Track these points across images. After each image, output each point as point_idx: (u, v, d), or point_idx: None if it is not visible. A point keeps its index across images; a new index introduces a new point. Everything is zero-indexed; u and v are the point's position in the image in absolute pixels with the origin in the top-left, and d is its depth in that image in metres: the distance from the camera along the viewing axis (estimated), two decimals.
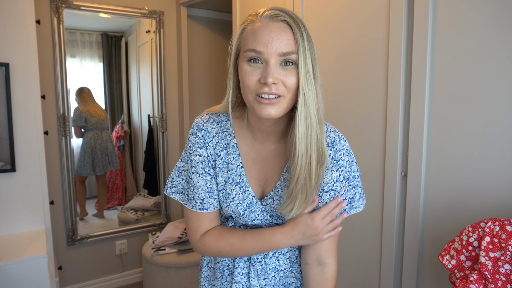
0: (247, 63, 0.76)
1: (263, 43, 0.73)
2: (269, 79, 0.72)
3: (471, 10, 1.15)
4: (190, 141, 0.89)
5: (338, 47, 1.59)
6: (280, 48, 0.73)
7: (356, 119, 1.54)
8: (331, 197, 0.86)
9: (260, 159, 0.89)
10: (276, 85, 0.74)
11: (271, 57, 0.73)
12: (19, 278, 1.49)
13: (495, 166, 1.13)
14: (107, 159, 2.69)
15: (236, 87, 0.85)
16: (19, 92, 1.71)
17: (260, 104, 0.75)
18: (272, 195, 0.87)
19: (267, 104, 0.75)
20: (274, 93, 0.74)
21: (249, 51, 0.75)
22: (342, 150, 0.85)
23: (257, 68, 0.75)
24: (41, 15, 2.24)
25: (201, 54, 2.94)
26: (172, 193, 0.92)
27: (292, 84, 0.75)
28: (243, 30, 0.79)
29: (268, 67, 0.73)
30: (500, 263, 0.93)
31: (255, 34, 0.75)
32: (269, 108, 0.75)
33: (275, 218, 0.89)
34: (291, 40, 0.74)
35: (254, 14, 0.79)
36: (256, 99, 0.75)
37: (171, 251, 2.33)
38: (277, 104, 0.75)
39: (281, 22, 0.75)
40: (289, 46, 0.74)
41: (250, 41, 0.75)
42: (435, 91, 1.26)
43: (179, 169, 0.92)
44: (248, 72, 0.75)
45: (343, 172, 0.86)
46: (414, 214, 1.34)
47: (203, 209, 0.88)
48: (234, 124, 0.89)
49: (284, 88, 0.75)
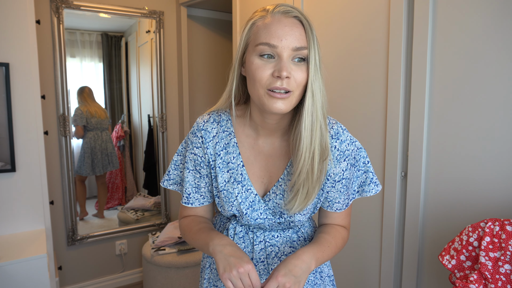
0: (258, 58, 0.76)
1: (277, 37, 0.74)
2: (283, 72, 0.73)
3: (472, 9, 1.15)
4: (189, 139, 0.92)
5: (338, 47, 1.59)
6: (293, 43, 0.74)
7: (356, 119, 1.54)
8: (344, 185, 0.89)
9: (263, 156, 0.89)
10: (288, 80, 0.75)
11: (285, 51, 0.74)
12: (19, 278, 1.49)
13: (495, 166, 1.13)
14: (107, 159, 2.69)
15: (239, 82, 0.85)
16: (19, 92, 1.71)
17: (272, 98, 0.75)
18: (275, 190, 0.88)
19: (278, 98, 0.75)
20: (286, 88, 0.74)
21: (262, 45, 0.75)
22: (346, 141, 0.88)
23: (269, 62, 0.75)
24: (41, 15, 2.24)
25: (201, 54, 2.94)
26: (169, 185, 0.97)
27: (301, 80, 0.76)
28: (253, 24, 0.79)
29: (281, 61, 0.74)
30: (500, 263, 0.93)
31: (268, 28, 0.75)
32: (280, 103, 0.75)
33: (278, 217, 0.89)
34: (303, 36, 0.75)
35: (263, 10, 0.79)
36: (267, 93, 0.76)
37: (171, 251, 2.33)
38: (288, 99, 0.76)
39: (293, 18, 0.76)
40: (302, 41, 0.75)
41: (263, 35, 0.75)
42: (435, 91, 1.26)
43: (175, 162, 0.97)
44: (259, 66, 0.76)
45: (350, 160, 0.89)
46: (414, 214, 1.34)
47: (188, 203, 0.94)
48: (235, 122, 0.89)
49: (294, 83, 0.76)
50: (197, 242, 0.88)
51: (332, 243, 0.89)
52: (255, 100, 0.79)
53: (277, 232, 0.93)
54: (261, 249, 0.91)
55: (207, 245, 0.81)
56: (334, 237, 0.91)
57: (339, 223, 0.95)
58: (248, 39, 0.80)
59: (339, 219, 0.95)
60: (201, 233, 0.87)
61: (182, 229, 0.97)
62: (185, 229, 0.95)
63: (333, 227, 0.94)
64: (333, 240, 0.90)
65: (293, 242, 0.94)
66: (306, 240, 0.96)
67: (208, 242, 0.81)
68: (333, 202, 0.91)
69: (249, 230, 0.93)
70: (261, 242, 0.91)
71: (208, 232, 0.86)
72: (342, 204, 0.92)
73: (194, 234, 0.90)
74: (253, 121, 0.87)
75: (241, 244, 0.92)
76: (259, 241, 0.91)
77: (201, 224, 0.92)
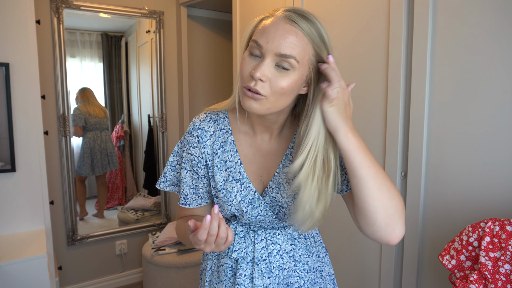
0: (248, 54, 0.76)
1: (266, 38, 0.73)
2: (256, 73, 0.72)
3: (472, 9, 1.15)
4: (185, 139, 0.91)
5: (338, 48, 1.59)
6: (279, 48, 0.71)
7: (356, 119, 1.54)
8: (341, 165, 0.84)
9: (261, 154, 0.89)
10: (262, 84, 0.73)
11: (268, 53, 0.73)
12: (19, 278, 1.49)
13: (495, 166, 1.13)
14: (106, 159, 2.69)
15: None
16: (19, 92, 1.71)
17: (245, 96, 0.76)
18: (271, 184, 0.87)
19: (249, 97, 0.75)
20: (256, 90, 0.73)
21: (252, 42, 0.75)
22: None
23: (255, 61, 0.75)
24: (41, 15, 2.24)
25: (201, 54, 2.94)
26: (166, 186, 0.96)
27: (279, 87, 0.73)
28: (259, 22, 0.78)
29: (262, 62, 0.73)
30: (500, 263, 0.93)
31: (264, 28, 0.75)
32: (252, 102, 0.75)
33: (276, 212, 0.88)
34: (295, 44, 0.72)
35: (274, 10, 0.78)
36: (243, 90, 0.76)
37: (171, 251, 2.33)
38: (259, 101, 0.75)
39: (292, 26, 0.72)
40: (292, 50, 0.71)
41: (258, 33, 0.75)
42: (435, 91, 1.26)
43: (171, 163, 0.96)
44: (245, 62, 0.76)
45: None
46: (414, 214, 1.34)
47: (185, 204, 0.93)
48: (234, 120, 0.89)
49: (269, 89, 0.73)
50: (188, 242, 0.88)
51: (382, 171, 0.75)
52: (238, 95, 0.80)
53: (278, 230, 0.93)
54: (262, 248, 0.91)
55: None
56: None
57: None
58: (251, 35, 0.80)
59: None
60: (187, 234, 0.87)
61: (176, 231, 0.97)
62: (178, 230, 0.95)
63: None
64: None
65: (294, 240, 0.94)
66: (307, 238, 0.96)
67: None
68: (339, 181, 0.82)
69: (250, 230, 0.92)
70: (263, 240, 0.91)
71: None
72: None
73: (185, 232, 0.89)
74: (250, 118, 0.88)
75: (242, 243, 0.91)
76: (260, 240, 0.91)
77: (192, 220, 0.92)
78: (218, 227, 0.69)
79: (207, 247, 0.71)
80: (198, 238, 0.69)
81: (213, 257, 0.97)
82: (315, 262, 0.96)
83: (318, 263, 0.97)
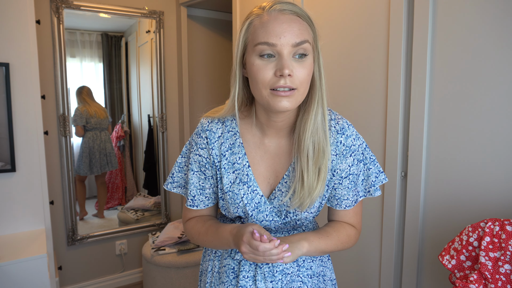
0: (258, 58, 0.75)
1: (275, 35, 0.73)
2: (285, 70, 0.72)
3: (471, 9, 1.15)
4: (193, 140, 0.91)
5: (337, 48, 1.59)
6: (293, 39, 0.73)
7: (356, 119, 1.54)
8: (351, 181, 0.89)
9: (269, 156, 0.88)
10: (291, 78, 0.74)
11: (284, 48, 0.73)
12: (19, 278, 1.49)
13: (496, 166, 1.13)
14: (105, 159, 2.69)
15: (242, 85, 0.84)
16: (19, 92, 1.71)
17: (276, 97, 0.75)
18: (280, 187, 0.87)
19: (283, 96, 0.75)
20: (289, 86, 0.74)
21: (261, 45, 0.74)
22: (352, 136, 0.88)
23: (270, 62, 0.74)
24: (41, 15, 2.24)
25: (201, 54, 2.94)
26: (173, 188, 0.96)
27: (304, 76, 0.76)
28: (250, 24, 0.78)
29: (282, 59, 0.73)
30: (500, 263, 0.93)
31: (266, 27, 0.74)
32: (285, 101, 0.75)
33: (283, 217, 0.88)
34: (302, 30, 0.75)
35: (259, 8, 0.78)
36: (271, 93, 0.75)
37: (171, 251, 2.33)
38: (292, 96, 0.75)
39: (290, 14, 0.75)
40: (301, 35, 0.74)
41: (261, 34, 0.74)
42: (435, 91, 1.26)
43: (179, 164, 0.95)
44: (261, 67, 0.75)
45: (357, 156, 0.88)
46: (414, 214, 1.34)
47: (193, 205, 0.92)
48: (241, 123, 0.89)
49: (297, 81, 0.75)
50: (211, 244, 0.89)
51: (334, 236, 0.88)
52: (260, 100, 0.79)
53: (282, 234, 0.92)
54: None
55: (227, 245, 0.85)
56: (336, 230, 0.90)
57: (347, 221, 0.94)
58: (246, 39, 0.79)
59: (347, 217, 0.94)
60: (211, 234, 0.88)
61: (188, 232, 0.95)
62: (191, 232, 0.94)
63: (338, 222, 0.93)
64: (335, 233, 0.89)
65: None
66: None
67: (223, 242, 0.85)
68: (342, 199, 0.91)
69: None
70: None
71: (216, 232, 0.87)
72: (351, 201, 0.91)
73: (204, 236, 0.89)
74: (259, 121, 0.87)
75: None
76: None
77: (206, 223, 0.92)
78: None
79: (259, 257, 0.75)
80: (260, 249, 0.73)
81: (215, 258, 0.96)
82: (318, 267, 0.96)
83: (321, 267, 0.97)
